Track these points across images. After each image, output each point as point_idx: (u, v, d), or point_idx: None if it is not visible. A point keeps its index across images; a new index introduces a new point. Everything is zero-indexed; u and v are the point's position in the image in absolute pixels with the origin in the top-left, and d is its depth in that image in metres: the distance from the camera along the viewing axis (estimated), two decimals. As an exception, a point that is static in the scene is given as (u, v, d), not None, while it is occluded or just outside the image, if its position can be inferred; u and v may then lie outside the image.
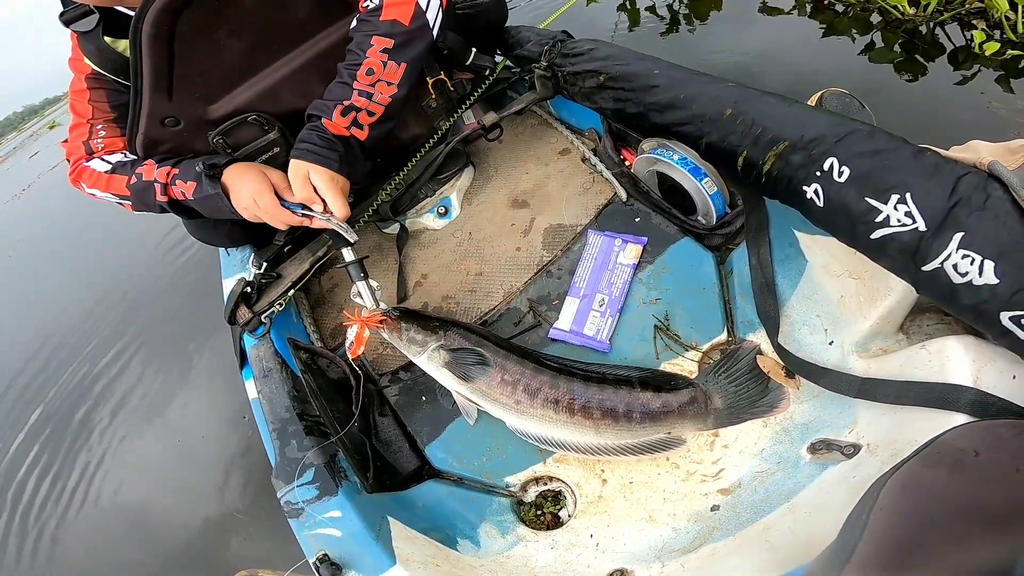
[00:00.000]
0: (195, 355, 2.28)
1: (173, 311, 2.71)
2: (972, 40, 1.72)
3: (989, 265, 0.60)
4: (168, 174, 1.10)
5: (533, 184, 1.34)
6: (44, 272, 4.41)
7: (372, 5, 1.03)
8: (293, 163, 1.02)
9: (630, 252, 1.10)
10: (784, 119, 0.83)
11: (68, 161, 1.22)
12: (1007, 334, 0.61)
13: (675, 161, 1.05)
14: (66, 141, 1.22)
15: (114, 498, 1.95)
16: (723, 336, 0.96)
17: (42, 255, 4.92)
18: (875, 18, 2.19)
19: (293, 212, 1.04)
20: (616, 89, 1.13)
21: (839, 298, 0.84)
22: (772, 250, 0.93)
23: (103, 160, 1.17)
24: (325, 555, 0.85)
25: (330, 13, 1.13)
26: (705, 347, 0.96)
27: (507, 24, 1.54)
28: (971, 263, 0.61)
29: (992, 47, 1.63)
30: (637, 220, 1.15)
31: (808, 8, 2.39)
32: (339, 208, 1.03)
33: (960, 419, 0.63)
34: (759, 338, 0.91)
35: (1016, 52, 1.64)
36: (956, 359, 0.67)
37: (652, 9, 2.87)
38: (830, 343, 0.84)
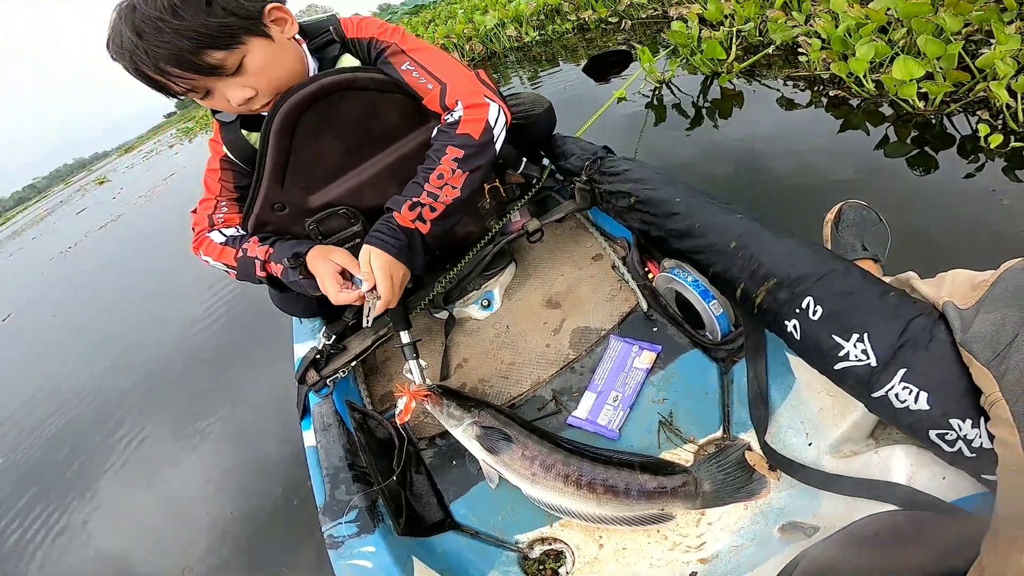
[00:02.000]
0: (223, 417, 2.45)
1: (203, 378, 2.89)
2: (978, 132, 1.82)
3: (923, 395, 0.75)
4: (267, 253, 1.27)
5: (567, 286, 1.53)
6: (85, 334, 4.66)
7: (452, 119, 1.19)
8: (364, 248, 1.18)
9: (645, 358, 1.27)
10: (777, 255, 0.99)
11: (193, 231, 1.38)
12: (934, 446, 0.77)
13: (688, 283, 1.23)
14: (195, 211, 1.39)
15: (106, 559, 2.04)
16: (718, 433, 1.10)
17: (86, 317, 5.17)
18: (888, 110, 2.28)
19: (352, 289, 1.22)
20: (644, 212, 1.32)
21: (819, 410, 1.00)
22: (767, 367, 1.10)
23: (220, 233, 1.34)
24: None
25: (411, 123, 1.30)
26: (702, 441, 1.11)
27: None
28: (909, 393, 0.77)
29: (996, 139, 1.75)
30: (655, 330, 1.32)
31: (824, 101, 2.53)
32: (384, 290, 1.17)
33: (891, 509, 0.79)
34: (750, 437, 1.06)
35: (1019, 144, 1.74)
36: (897, 463, 0.83)
37: (678, 107, 3.11)
38: (809, 444, 0.99)
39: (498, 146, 1.23)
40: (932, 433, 0.76)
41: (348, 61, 1.26)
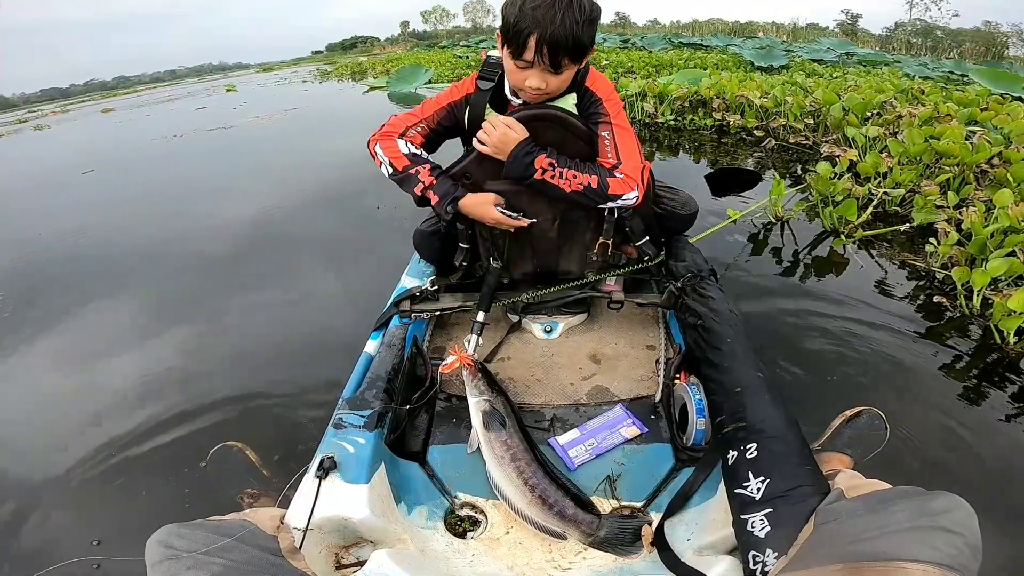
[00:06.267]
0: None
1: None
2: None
3: (767, 529, 0.99)
4: (430, 182, 1.63)
5: (613, 354, 1.80)
6: (165, 205, 5.37)
7: (615, 163, 1.58)
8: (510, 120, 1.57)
9: (630, 431, 1.51)
10: (760, 411, 1.20)
11: (383, 128, 1.71)
12: (747, 563, 0.98)
13: (695, 399, 1.43)
14: (396, 116, 1.72)
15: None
16: (639, 504, 1.33)
17: (161, 198, 5.69)
18: (976, 331, 2.25)
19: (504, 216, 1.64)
20: (699, 336, 1.53)
21: (711, 520, 1.19)
22: (702, 484, 1.30)
23: (407, 145, 1.67)
24: (332, 456, 1.26)
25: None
26: (624, 503, 1.33)
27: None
28: (761, 524, 1.00)
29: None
30: (652, 417, 1.56)
31: (921, 300, 2.51)
32: (487, 135, 1.57)
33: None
34: (656, 516, 1.26)
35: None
36: (719, 566, 1.06)
37: (779, 251, 3.12)
38: (687, 540, 1.19)
39: (605, 209, 1.64)
40: (751, 553, 0.97)
41: (569, 100, 1.64)
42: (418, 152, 1.70)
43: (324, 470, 1.22)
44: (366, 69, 21.57)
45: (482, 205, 1.65)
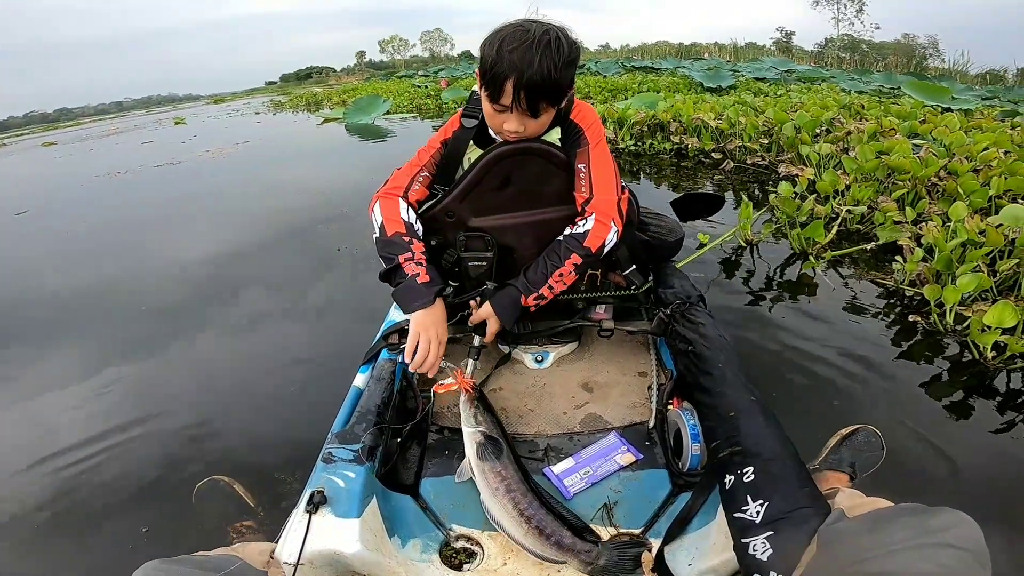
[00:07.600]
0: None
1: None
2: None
3: (769, 551, 0.97)
4: (420, 260, 1.54)
5: (605, 381, 1.79)
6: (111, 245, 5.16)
7: (580, 230, 1.57)
8: (487, 306, 1.64)
9: (625, 458, 1.49)
10: (754, 435, 1.20)
11: (387, 184, 1.66)
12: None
13: (689, 425, 1.43)
14: (399, 169, 1.68)
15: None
16: (638, 530, 1.30)
17: (107, 235, 5.54)
18: (952, 347, 2.27)
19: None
20: (690, 361, 1.54)
21: (712, 544, 1.17)
22: (700, 508, 1.28)
23: (409, 210, 1.61)
24: (322, 491, 1.24)
25: (562, 199, 1.64)
26: (622, 530, 1.31)
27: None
28: (763, 547, 0.98)
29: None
30: (647, 444, 1.54)
31: (892, 318, 2.53)
32: (487, 338, 1.66)
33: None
34: (656, 542, 1.24)
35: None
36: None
37: (752, 273, 3.13)
38: (689, 564, 1.17)
39: (602, 255, 1.63)
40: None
41: (553, 134, 1.64)
42: (415, 224, 1.62)
43: (314, 504, 1.20)
44: (321, 100, 21.13)
45: (423, 327, 1.55)
